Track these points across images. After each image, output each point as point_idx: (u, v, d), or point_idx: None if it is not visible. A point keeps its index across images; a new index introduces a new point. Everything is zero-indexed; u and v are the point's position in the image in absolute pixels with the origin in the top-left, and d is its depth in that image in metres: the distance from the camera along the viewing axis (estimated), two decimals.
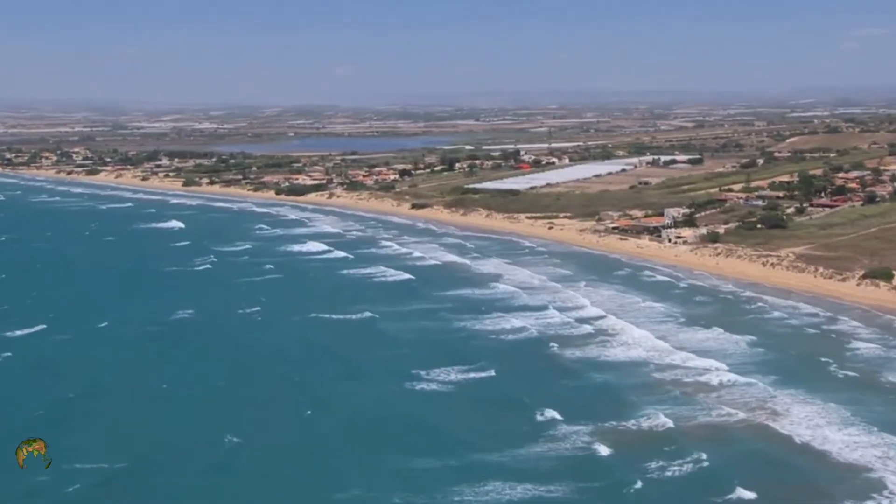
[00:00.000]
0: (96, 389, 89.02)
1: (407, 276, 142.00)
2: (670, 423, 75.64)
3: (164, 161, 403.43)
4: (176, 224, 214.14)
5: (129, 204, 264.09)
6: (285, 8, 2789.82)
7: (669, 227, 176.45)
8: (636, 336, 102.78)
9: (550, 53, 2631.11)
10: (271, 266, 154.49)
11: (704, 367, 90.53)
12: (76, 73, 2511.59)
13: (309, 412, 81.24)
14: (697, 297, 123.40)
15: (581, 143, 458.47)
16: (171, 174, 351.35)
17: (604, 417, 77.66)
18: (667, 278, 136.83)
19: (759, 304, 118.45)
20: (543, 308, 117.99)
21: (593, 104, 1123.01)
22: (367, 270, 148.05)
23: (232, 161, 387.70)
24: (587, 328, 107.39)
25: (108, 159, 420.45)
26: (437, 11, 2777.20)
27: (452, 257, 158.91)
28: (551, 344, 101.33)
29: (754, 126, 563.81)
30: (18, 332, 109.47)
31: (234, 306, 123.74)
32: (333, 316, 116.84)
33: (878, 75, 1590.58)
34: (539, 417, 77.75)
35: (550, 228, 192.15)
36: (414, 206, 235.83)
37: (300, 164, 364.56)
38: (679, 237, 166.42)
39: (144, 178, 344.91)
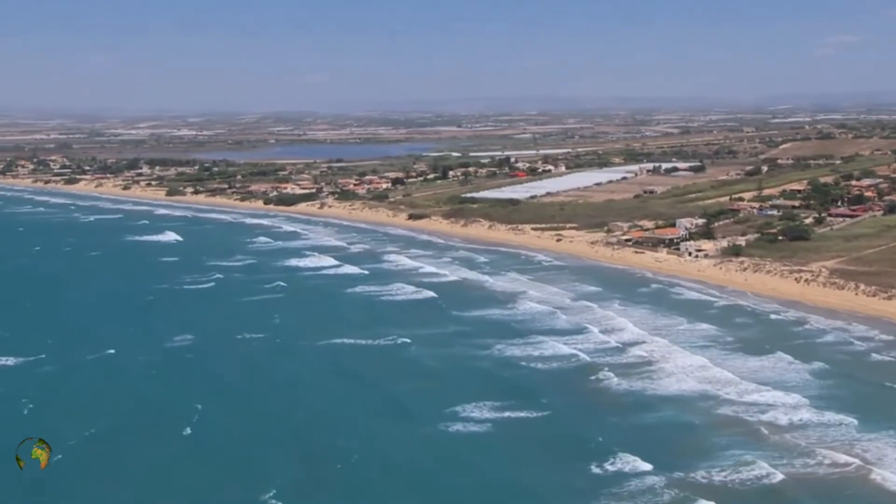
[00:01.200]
0: (96, 440, 77.78)
1: (429, 293, 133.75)
2: (774, 473, 66.99)
3: (145, 169, 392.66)
4: (166, 237, 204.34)
5: (113, 215, 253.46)
6: (260, 15, 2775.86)
7: (685, 239, 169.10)
8: (686, 363, 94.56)
9: (528, 60, 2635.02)
10: (281, 283, 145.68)
11: (771, 402, 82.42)
12: (51, 79, 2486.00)
13: (356, 457, 72.38)
14: (737, 317, 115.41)
15: (570, 150, 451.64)
16: (153, 183, 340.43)
17: (691, 465, 68.87)
18: (698, 296, 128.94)
19: (806, 325, 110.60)
20: (579, 331, 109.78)
21: (573, 110, 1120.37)
22: (384, 287, 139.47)
23: (215, 169, 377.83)
24: (630, 353, 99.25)
25: (87, 168, 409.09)
26: (412, 18, 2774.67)
27: (466, 273, 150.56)
28: (596, 372, 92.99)
29: (744, 132, 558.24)
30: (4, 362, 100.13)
31: (244, 329, 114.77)
32: (360, 341, 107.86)
33: (853, 81, 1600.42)
34: (611, 465, 69.09)
35: (559, 241, 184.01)
36: (411, 217, 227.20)
37: (286, 173, 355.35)
38: (699, 250, 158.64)
39: (126, 188, 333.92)
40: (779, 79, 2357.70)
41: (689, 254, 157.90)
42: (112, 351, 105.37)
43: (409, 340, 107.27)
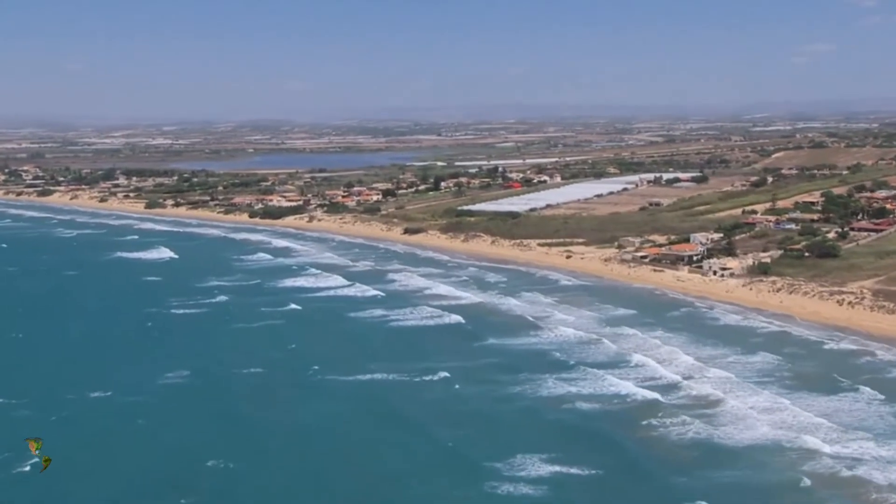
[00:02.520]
0: None
1: (453, 318, 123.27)
2: None
3: (122, 180, 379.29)
4: (150, 254, 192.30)
5: (92, 230, 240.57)
6: (235, 23, 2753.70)
7: (706, 256, 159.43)
8: (751, 403, 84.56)
9: (505, 68, 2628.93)
10: (294, 306, 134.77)
11: (859, 454, 72.47)
12: (21, 86, 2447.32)
13: None
14: (788, 346, 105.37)
15: (558, 159, 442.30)
16: (130, 195, 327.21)
17: None
18: (738, 321, 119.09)
19: (867, 357, 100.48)
20: (622, 362, 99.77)
21: (551, 118, 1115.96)
22: (403, 311, 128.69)
23: (195, 180, 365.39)
24: (685, 390, 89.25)
25: (61, 178, 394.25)
26: (388, 26, 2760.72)
27: (483, 294, 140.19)
28: (652, 414, 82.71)
29: (732, 141, 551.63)
30: None
31: (256, 362, 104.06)
32: (394, 376, 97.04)
33: (828, 90, 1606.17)
34: None
35: (569, 258, 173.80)
36: (407, 231, 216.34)
37: (269, 184, 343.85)
38: (724, 269, 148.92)
39: (102, 200, 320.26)
40: (755, 87, 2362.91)
41: (714, 272, 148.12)
42: (97, 393, 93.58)
43: (447, 374, 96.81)
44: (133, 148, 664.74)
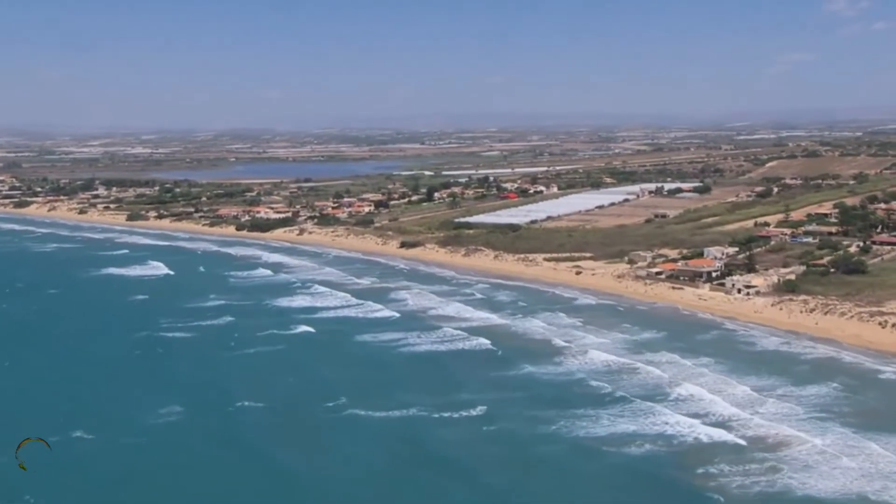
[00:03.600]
0: None
1: (478, 342, 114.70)
2: None
3: (101, 190, 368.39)
4: (135, 270, 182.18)
5: (72, 244, 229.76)
6: (213, 31, 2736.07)
7: (722, 271, 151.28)
8: (819, 448, 75.63)
9: (485, 76, 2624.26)
10: (306, 328, 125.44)
11: None
12: None
13: None
14: (839, 376, 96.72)
15: (548, 168, 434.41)
16: (111, 206, 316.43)
17: None
18: (777, 346, 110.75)
19: None
20: (661, 394, 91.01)
21: (533, 127, 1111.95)
22: (423, 334, 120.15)
23: (177, 190, 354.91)
24: (741, 431, 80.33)
25: (39, 189, 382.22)
26: (367, 35, 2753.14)
27: (496, 315, 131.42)
28: (709, 461, 73.71)
29: (722, 149, 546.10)
30: None
31: (272, 393, 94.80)
32: (429, 412, 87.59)
33: (809, 99, 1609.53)
34: None
35: (579, 273, 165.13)
36: (403, 245, 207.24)
37: (254, 194, 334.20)
38: (748, 286, 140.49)
39: (82, 212, 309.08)
40: (735, 96, 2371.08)
41: (739, 291, 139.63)
42: (80, 433, 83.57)
43: (485, 408, 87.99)
44: (112, 157, 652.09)
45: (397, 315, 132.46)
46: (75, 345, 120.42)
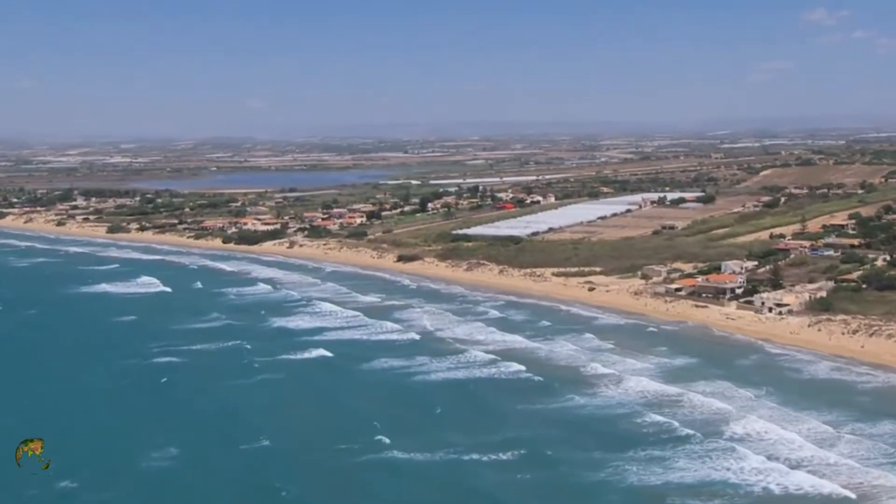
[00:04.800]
0: None
1: (511, 368, 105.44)
2: None
3: (80, 201, 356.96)
4: (122, 287, 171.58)
5: (51, 258, 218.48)
6: (192, 38, 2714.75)
7: (746, 287, 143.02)
8: None
9: (463, 85, 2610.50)
10: (324, 352, 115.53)
11: None
12: None
13: None
14: None
15: (538, 177, 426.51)
16: (90, 217, 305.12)
17: None
18: (826, 373, 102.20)
19: None
20: (733, 431, 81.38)
21: (514, 135, 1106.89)
22: (451, 359, 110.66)
23: (159, 201, 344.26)
24: (819, 487, 69.96)
25: (15, 200, 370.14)
26: (346, 44, 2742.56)
27: (519, 337, 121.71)
28: None
29: (711, 158, 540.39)
30: None
31: (291, 431, 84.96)
32: (482, 453, 77.95)
33: (788, 107, 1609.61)
34: None
35: (592, 290, 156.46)
36: (401, 259, 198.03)
37: (238, 204, 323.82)
38: (779, 304, 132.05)
39: (60, 224, 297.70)
40: (715, 104, 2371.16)
41: (770, 309, 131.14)
42: (66, 483, 73.23)
43: (539, 448, 79.03)
44: (90, 166, 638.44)
45: (416, 337, 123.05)
46: (57, 374, 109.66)
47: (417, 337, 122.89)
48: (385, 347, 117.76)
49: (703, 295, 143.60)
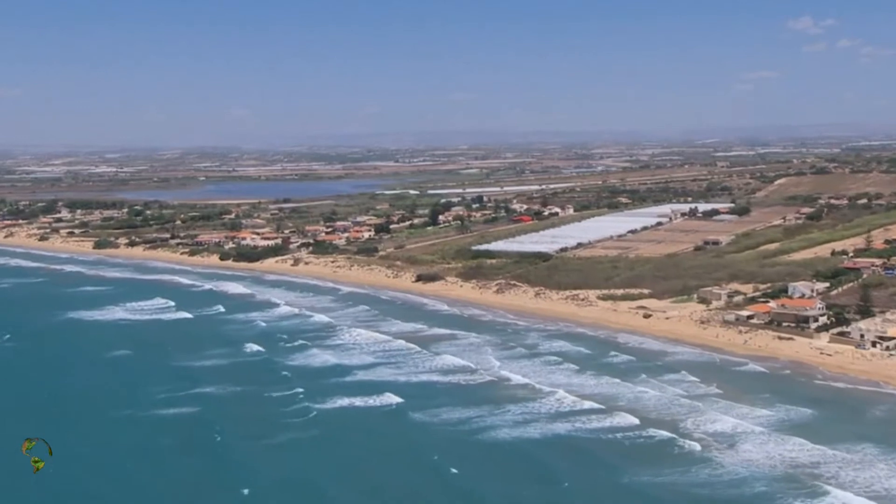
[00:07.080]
0: None
1: (628, 420, 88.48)
2: None
3: (65, 213, 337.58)
4: (110, 314, 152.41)
5: (32, 279, 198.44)
6: (177, 47, 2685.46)
7: (841, 320, 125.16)
8: None
9: (448, 94, 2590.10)
10: (395, 398, 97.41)
11: None
12: None
13: None
14: None
15: (542, 187, 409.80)
16: (76, 231, 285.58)
17: None
18: None
19: None
20: None
21: (503, 144, 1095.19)
22: (531, 407, 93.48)
23: (148, 213, 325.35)
24: None
25: None
26: (330, 52, 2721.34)
27: (603, 381, 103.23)
28: None
29: (718, 167, 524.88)
30: None
31: None
32: None
33: (772, 115, 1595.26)
34: None
35: (648, 317, 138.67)
36: (420, 279, 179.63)
37: (232, 216, 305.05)
38: (884, 338, 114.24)
39: (43, 238, 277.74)
40: (701, 113, 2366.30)
41: (873, 344, 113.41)
42: None
43: None
44: (75, 176, 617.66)
45: (492, 378, 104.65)
46: (30, 426, 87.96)
47: (493, 378, 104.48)
48: (460, 392, 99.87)
49: (784, 324, 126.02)
